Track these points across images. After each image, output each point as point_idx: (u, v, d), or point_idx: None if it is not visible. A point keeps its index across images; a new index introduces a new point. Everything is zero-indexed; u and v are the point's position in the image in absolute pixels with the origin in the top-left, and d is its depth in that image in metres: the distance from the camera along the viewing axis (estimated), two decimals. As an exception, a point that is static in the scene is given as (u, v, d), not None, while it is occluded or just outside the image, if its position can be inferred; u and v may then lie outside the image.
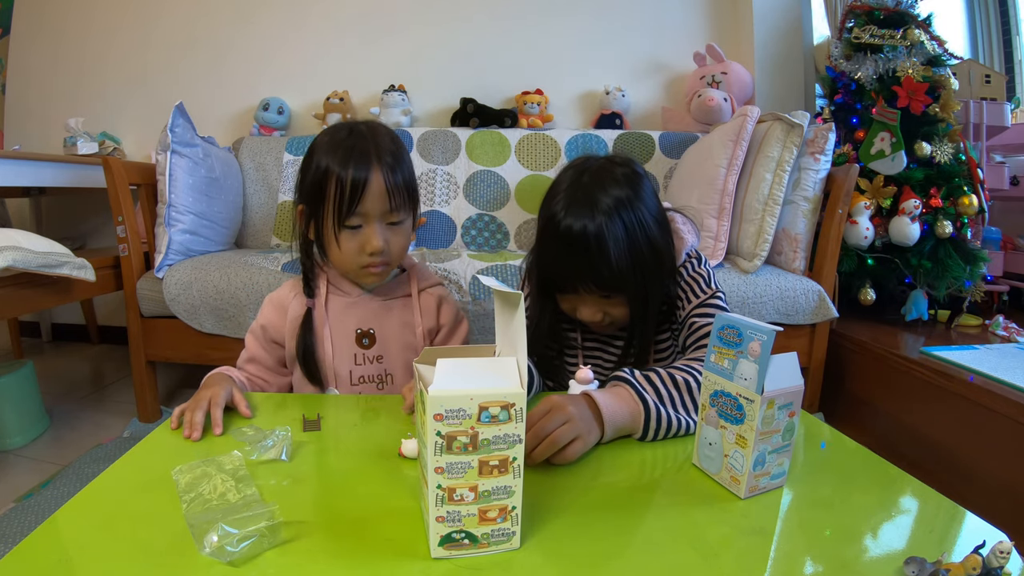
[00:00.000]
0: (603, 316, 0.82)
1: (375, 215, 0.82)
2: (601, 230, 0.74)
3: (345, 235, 0.83)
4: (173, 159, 1.66)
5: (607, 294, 0.79)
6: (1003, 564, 0.41)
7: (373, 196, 0.81)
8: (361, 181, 0.80)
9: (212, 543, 0.44)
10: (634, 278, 0.77)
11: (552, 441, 0.59)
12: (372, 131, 0.85)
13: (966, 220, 1.66)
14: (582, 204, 0.76)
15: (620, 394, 0.68)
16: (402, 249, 0.88)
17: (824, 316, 1.53)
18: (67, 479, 1.35)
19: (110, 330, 2.60)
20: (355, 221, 0.82)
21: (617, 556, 0.47)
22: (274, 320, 0.92)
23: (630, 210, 0.76)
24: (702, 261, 0.88)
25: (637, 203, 0.77)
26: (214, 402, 0.71)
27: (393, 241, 0.85)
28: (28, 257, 1.33)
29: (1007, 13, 2.32)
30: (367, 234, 0.83)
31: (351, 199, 0.80)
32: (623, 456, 0.65)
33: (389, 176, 0.81)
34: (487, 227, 2.07)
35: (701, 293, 0.84)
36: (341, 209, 0.80)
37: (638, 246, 0.76)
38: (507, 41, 2.35)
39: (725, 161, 1.64)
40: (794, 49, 2.20)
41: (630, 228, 0.75)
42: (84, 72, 2.48)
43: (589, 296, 0.80)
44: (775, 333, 0.52)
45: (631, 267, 0.76)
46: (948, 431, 1.28)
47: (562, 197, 0.78)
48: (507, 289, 0.47)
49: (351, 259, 0.84)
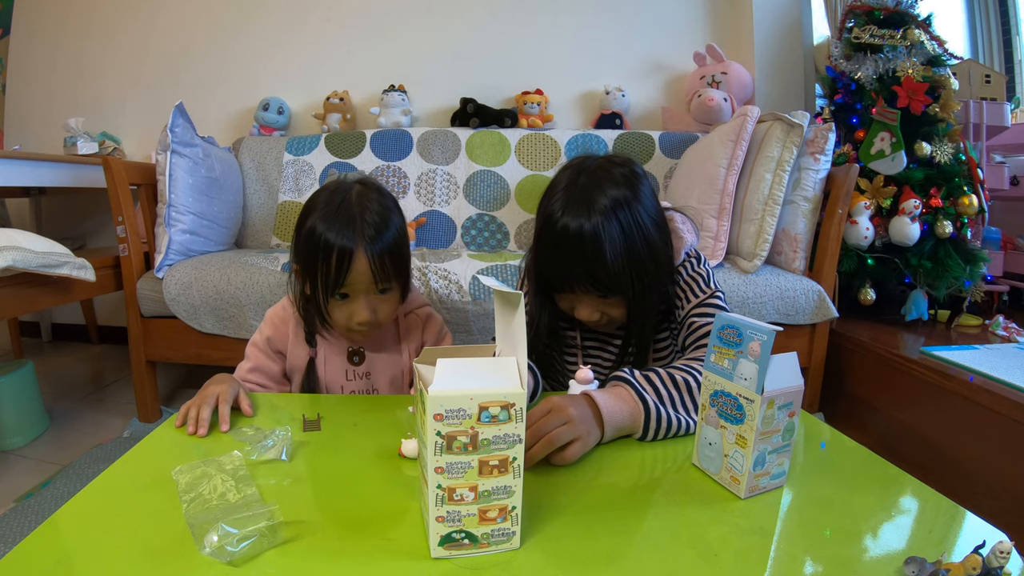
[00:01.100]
0: (601, 316, 0.81)
1: (361, 289, 0.83)
2: (597, 230, 0.74)
3: (334, 304, 0.85)
4: (173, 159, 1.66)
5: (604, 295, 0.79)
6: (1003, 564, 0.41)
7: (357, 273, 0.81)
8: (346, 260, 0.80)
9: (212, 543, 0.44)
10: (631, 279, 0.76)
11: (549, 441, 0.59)
12: (361, 202, 0.84)
13: (966, 220, 1.65)
14: (579, 204, 0.75)
15: (620, 394, 0.68)
16: (391, 312, 0.89)
17: (824, 316, 1.53)
18: (67, 479, 1.35)
19: (110, 330, 2.60)
20: (344, 291, 0.83)
21: (617, 556, 0.47)
22: (278, 331, 0.95)
23: (627, 211, 0.75)
24: (701, 260, 0.88)
25: (635, 204, 0.77)
26: (222, 399, 0.72)
27: (381, 308, 0.86)
28: (28, 257, 1.33)
29: (1007, 13, 2.31)
30: (354, 307, 0.84)
31: (336, 276, 0.81)
32: (623, 456, 0.65)
33: (373, 253, 0.81)
34: (487, 227, 2.07)
35: (700, 292, 0.84)
36: (328, 282, 0.81)
37: (635, 247, 0.76)
38: (507, 41, 2.35)
39: (725, 161, 1.64)
40: (794, 49, 2.20)
41: (627, 229, 0.75)
42: (84, 72, 2.48)
43: (587, 296, 0.80)
44: (775, 333, 0.52)
45: (628, 268, 0.75)
46: (948, 431, 1.27)
47: (559, 196, 0.77)
48: (507, 289, 0.47)
49: (340, 324, 0.87)
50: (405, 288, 0.91)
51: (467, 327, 1.52)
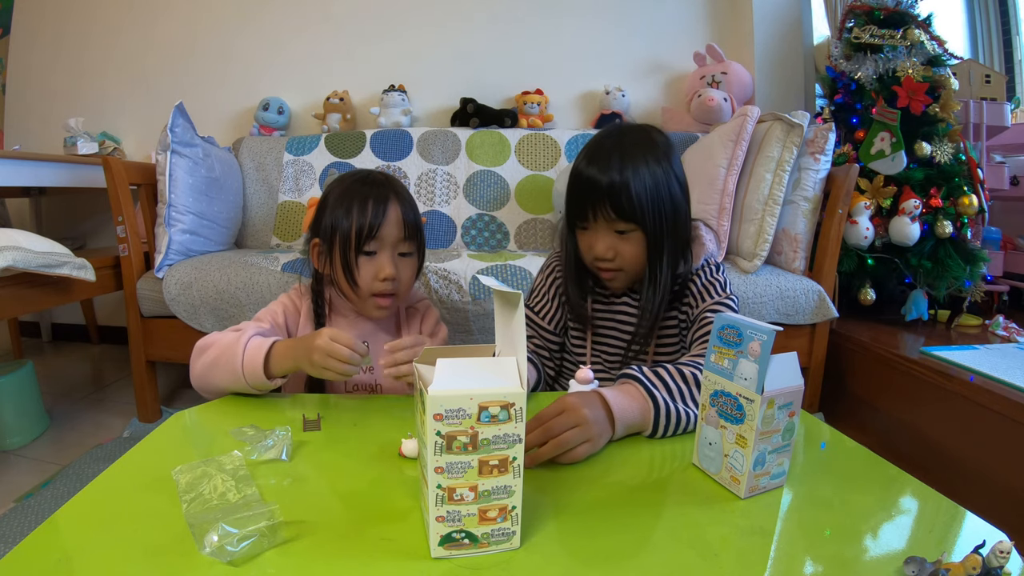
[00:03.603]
0: (615, 255, 0.83)
1: (389, 242, 0.88)
2: (628, 152, 0.80)
3: (361, 261, 0.88)
4: (173, 159, 1.66)
5: (622, 229, 0.82)
6: (1003, 564, 0.41)
7: (390, 223, 0.87)
8: (381, 207, 0.87)
9: (212, 543, 0.44)
10: (651, 213, 0.80)
11: (559, 443, 0.60)
12: (387, 175, 0.94)
13: (966, 220, 1.65)
14: (616, 143, 0.82)
15: (630, 392, 0.69)
16: (409, 282, 0.94)
17: (824, 316, 1.53)
18: (67, 479, 1.35)
19: (110, 330, 2.60)
20: (372, 246, 0.87)
21: (617, 556, 0.47)
22: (290, 315, 0.96)
23: (658, 158, 0.81)
24: (720, 269, 0.90)
25: (664, 161, 0.82)
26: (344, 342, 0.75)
27: (402, 271, 0.90)
28: (28, 257, 1.33)
29: (1007, 13, 2.32)
30: (380, 261, 0.88)
31: (372, 223, 0.86)
32: (623, 456, 0.65)
33: (405, 208, 0.90)
34: (487, 227, 2.07)
35: (716, 295, 0.86)
36: (361, 233, 0.86)
37: (659, 184, 0.80)
38: (507, 41, 2.35)
39: (725, 161, 1.64)
40: (794, 49, 2.20)
41: (654, 168, 0.80)
42: (84, 72, 2.48)
43: (605, 226, 0.83)
44: (775, 333, 0.52)
45: (649, 201, 0.79)
46: (948, 431, 1.27)
47: (599, 137, 0.86)
48: (507, 289, 0.47)
49: (365, 286, 0.88)
50: (420, 260, 0.95)
51: (467, 327, 1.52)
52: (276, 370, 0.78)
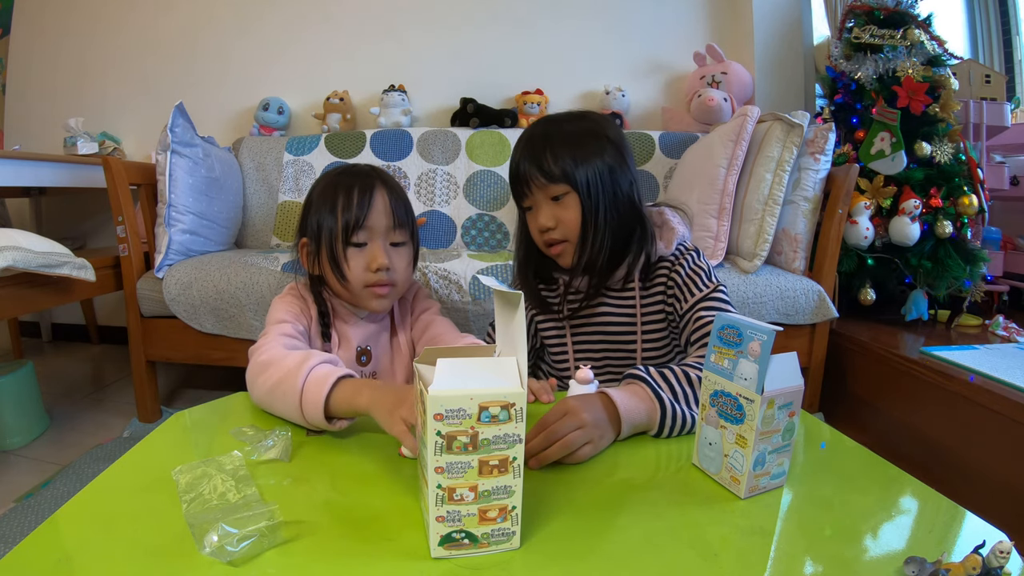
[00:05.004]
0: (556, 222, 0.85)
1: (379, 231, 0.86)
2: (550, 125, 0.86)
3: (351, 253, 0.85)
4: (173, 159, 1.66)
5: (556, 194, 0.84)
6: (1003, 564, 0.41)
7: (377, 211, 0.85)
8: (367, 195, 0.85)
9: (212, 543, 0.44)
10: (580, 168, 0.82)
11: (565, 445, 0.60)
12: (372, 166, 0.92)
13: (966, 220, 1.65)
14: (541, 125, 0.88)
15: (636, 392, 0.69)
16: (406, 272, 0.91)
17: (824, 316, 1.53)
18: (67, 479, 1.35)
19: (110, 330, 2.60)
20: (361, 237, 0.85)
21: (617, 556, 0.47)
22: (300, 320, 0.90)
23: (584, 120, 0.86)
24: (700, 255, 0.90)
25: (592, 123, 0.86)
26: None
27: (396, 261, 0.87)
28: (28, 257, 1.33)
29: (1007, 13, 2.31)
30: (372, 251, 0.85)
31: (358, 213, 0.84)
32: (623, 456, 0.65)
33: (392, 195, 0.87)
34: (487, 227, 2.07)
35: (704, 287, 0.86)
36: (348, 224, 0.83)
37: (585, 140, 0.83)
38: (507, 41, 2.35)
39: (725, 161, 1.64)
40: (794, 49, 2.20)
41: (578, 125, 0.85)
42: (84, 72, 2.48)
43: (542, 197, 0.85)
44: (775, 333, 0.52)
45: (573, 157, 0.82)
46: (948, 431, 1.27)
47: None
48: (507, 289, 0.47)
49: (358, 278, 0.85)
50: (415, 251, 0.94)
51: (467, 327, 1.52)
52: (338, 411, 0.67)
